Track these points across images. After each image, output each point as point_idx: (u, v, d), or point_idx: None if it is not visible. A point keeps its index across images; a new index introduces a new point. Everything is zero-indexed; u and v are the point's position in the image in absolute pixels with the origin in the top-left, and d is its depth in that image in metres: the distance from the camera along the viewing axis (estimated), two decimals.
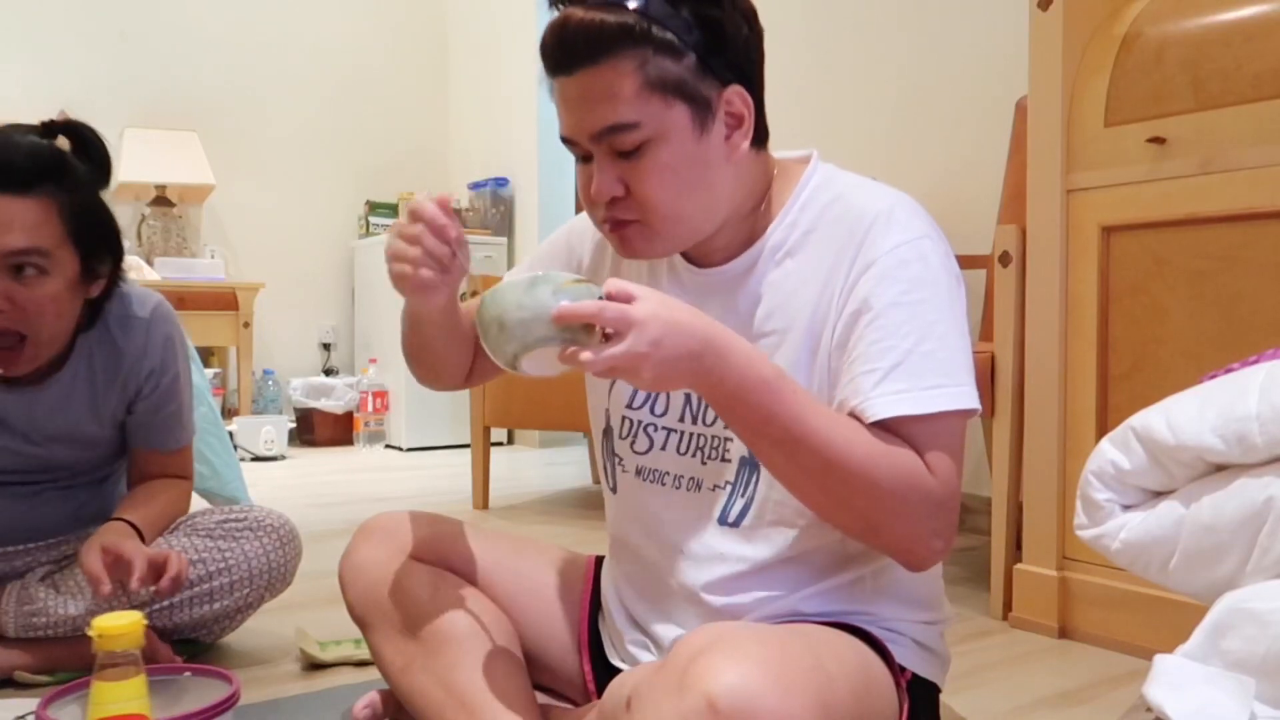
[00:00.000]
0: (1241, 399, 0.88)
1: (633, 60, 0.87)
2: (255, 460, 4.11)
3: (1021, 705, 1.49)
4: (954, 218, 2.75)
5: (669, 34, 0.87)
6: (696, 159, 0.91)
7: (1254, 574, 0.86)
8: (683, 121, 0.89)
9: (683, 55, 0.88)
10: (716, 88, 0.91)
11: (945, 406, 0.86)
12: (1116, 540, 0.98)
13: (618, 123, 0.88)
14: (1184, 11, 1.67)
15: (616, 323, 0.77)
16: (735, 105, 0.92)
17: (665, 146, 0.89)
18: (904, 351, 0.87)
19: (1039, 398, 1.83)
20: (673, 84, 0.88)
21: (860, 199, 0.95)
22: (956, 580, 2.18)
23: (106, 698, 0.83)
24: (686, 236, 0.96)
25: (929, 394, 0.86)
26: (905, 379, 0.86)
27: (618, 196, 0.92)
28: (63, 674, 1.44)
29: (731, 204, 0.96)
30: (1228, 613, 0.79)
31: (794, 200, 0.98)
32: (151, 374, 1.51)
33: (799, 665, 0.75)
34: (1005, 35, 2.57)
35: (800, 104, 3.23)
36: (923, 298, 0.88)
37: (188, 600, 1.52)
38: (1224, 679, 0.76)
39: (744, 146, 0.94)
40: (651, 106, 0.88)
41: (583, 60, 0.88)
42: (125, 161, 4.31)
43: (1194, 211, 1.63)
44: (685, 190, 0.91)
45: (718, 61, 0.90)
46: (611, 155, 0.91)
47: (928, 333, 0.87)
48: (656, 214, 0.92)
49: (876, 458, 0.84)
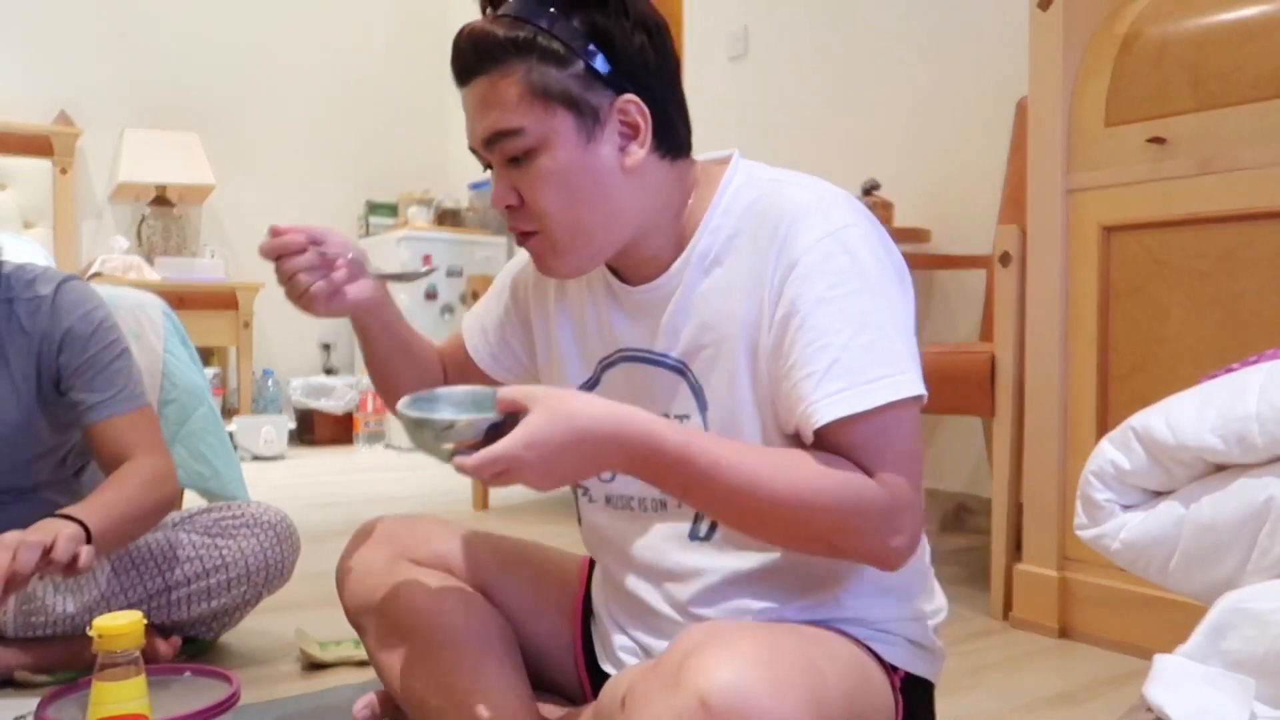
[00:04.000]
0: (1241, 399, 0.88)
1: (518, 69, 0.89)
2: (255, 460, 4.11)
3: (1021, 705, 1.49)
4: (954, 218, 2.76)
5: (556, 43, 0.89)
6: (585, 167, 0.91)
7: (1254, 574, 0.86)
8: (566, 128, 0.90)
9: (569, 64, 0.90)
10: (609, 96, 0.91)
11: (889, 398, 0.84)
12: (1116, 540, 0.98)
13: (502, 129, 0.91)
14: (1184, 11, 1.67)
15: (503, 478, 0.82)
16: (630, 114, 0.92)
17: (550, 154, 0.91)
18: (839, 348, 0.85)
19: (1039, 398, 1.83)
20: (557, 92, 0.89)
21: (780, 196, 0.93)
22: (956, 580, 2.18)
23: (106, 698, 0.83)
24: (592, 250, 0.95)
25: (871, 388, 0.84)
26: (844, 376, 0.84)
27: (513, 205, 0.94)
28: (63, 674, 1.44)
29: (640, 216, 0.95)
30: (1228, 613, 0.79)
31: (715, 205, 0.96)
32: (65, 339, 1.43)
33: (792, 663, 0.75)
34: (1005, 35, 2.57)
35: (800, 104, 3.24)
36: (852, 289, 0.87)
37: (186, 597, 1.52)
38: (1224, 679, 0.76)
39: (640, 155, 0.93)
40: (534, 113, 0.90)
41: (475, 70, 0.91)
42: (125, 161, 4.32)
43: (1194, 211, 1.63)
44: (576, 199, 0.92)
45: (610, 70, 0.91)
46: (504, 163, 0.93)
47: (862, 324, 0.86)
48: (552, 222, 0.93)
49: (810, 487, 0.83)
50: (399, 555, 1.14)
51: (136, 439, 1.44)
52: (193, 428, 2.12)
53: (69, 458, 1.56)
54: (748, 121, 3.42)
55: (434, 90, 5.16)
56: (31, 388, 1.44)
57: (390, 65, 5.05)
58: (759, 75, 3.39)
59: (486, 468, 0.81)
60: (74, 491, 1.56)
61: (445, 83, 2.85)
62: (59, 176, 4.25)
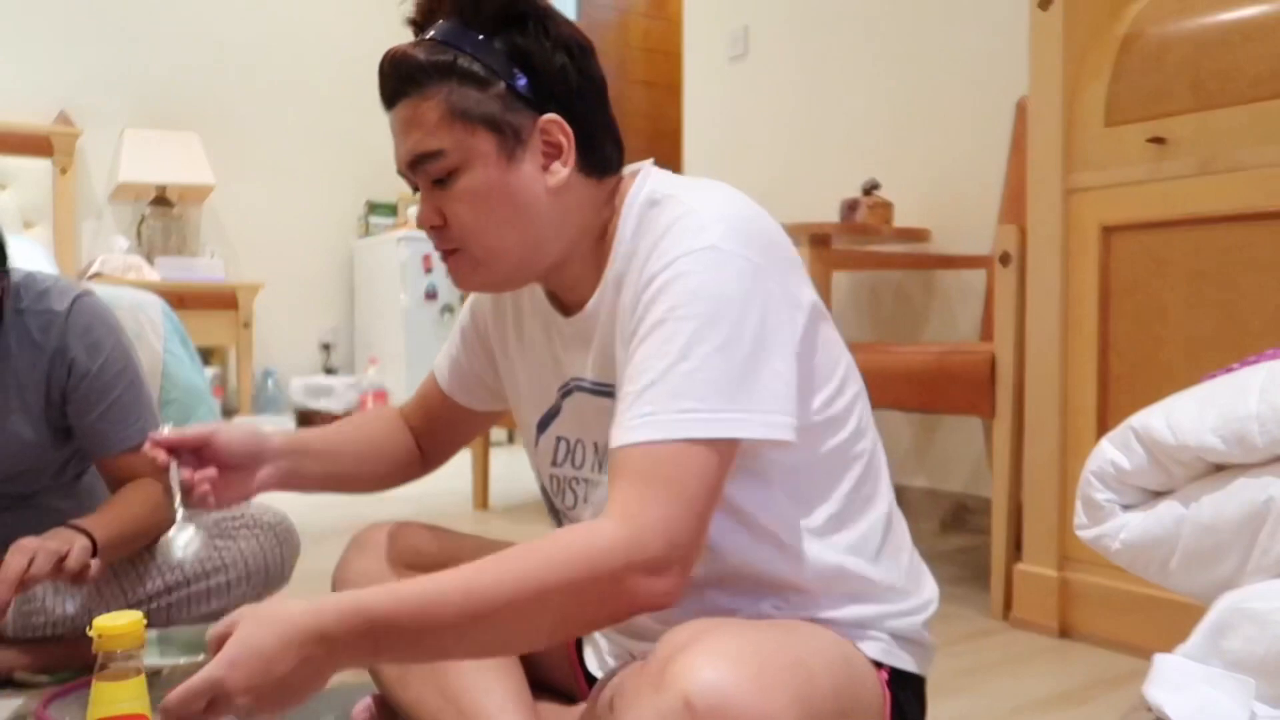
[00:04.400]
0: (1241, 399, 0.88)
1: (439, 91, 0.91)
2: None
3: (1021, 705, 1.49)
4: (954, 218, 2.76)
5: (476, 65, 0.90)
6: (506, 187, 0.92)
7: (1254, 574, 0.86)
8: (488, 149, 0.91)
9: (490, 85, 0.91)
10: (531, 116, 0.92)
11: (688, 434, 0.80)
12: (1116, 540, 0.98)
13: (423, 151, 0.92)
14: (1184, 11, 1.67)
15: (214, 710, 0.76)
16: (552, 134, 0.93)
17: (471, 174, 0.91)
18: (659, 372, 0.82)
19: (1039, 398, 1.83)
20: (477, 113, 0.90)
21: (662, 211, 0.92)
22: (956, 580, 2.18)
23: (106, 698, 0.83)
24: (513, 269, 0.96)
25: (675, 418, 0.80)
26: (654, 401, 0.81)
27: (437, 225, 0.95)
28: (63, 674, 1.44)
29: (565, 235, 0.95)
30: (1228, 613, 0.79)
31: (623, 224, 0.95)
32: (74, 368, 1.43)
33: (778, 662, 0.75)
34: (1005, 35, 2.57)
35: (800, 104, 3.23)
36: (694, 313, 0.82)
37: (186, 598, 1.52)
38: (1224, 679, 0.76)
39: (564, 175, 0.93)
40: (455, 135, 0.91)
41: (398, 93, 0.93)
42: (125, 161, 4.31)
43: (1194, 211, 1.63)
44: (497, 218, 0.92)
45: (531, 91, 0.92)
46: (429, 185, 0.94)
47: (687, 352, 0.81)
48: (474, 241, 0.94)
49: (535, 576, 0.77)
50: (393, 562, 1.14)
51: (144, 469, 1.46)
52: None
53: (70, 464, 1.57)
54: (748, 121, 3.42)
55: None
56: (40, 401, 1.45)
57: None
58: (759, 75, 3.39)
59: (189, 702, 0.74)
60: (74, 496, 1.57)
61: None
62: (59, 176, 4.25)
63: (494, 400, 1.17)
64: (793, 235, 2.79)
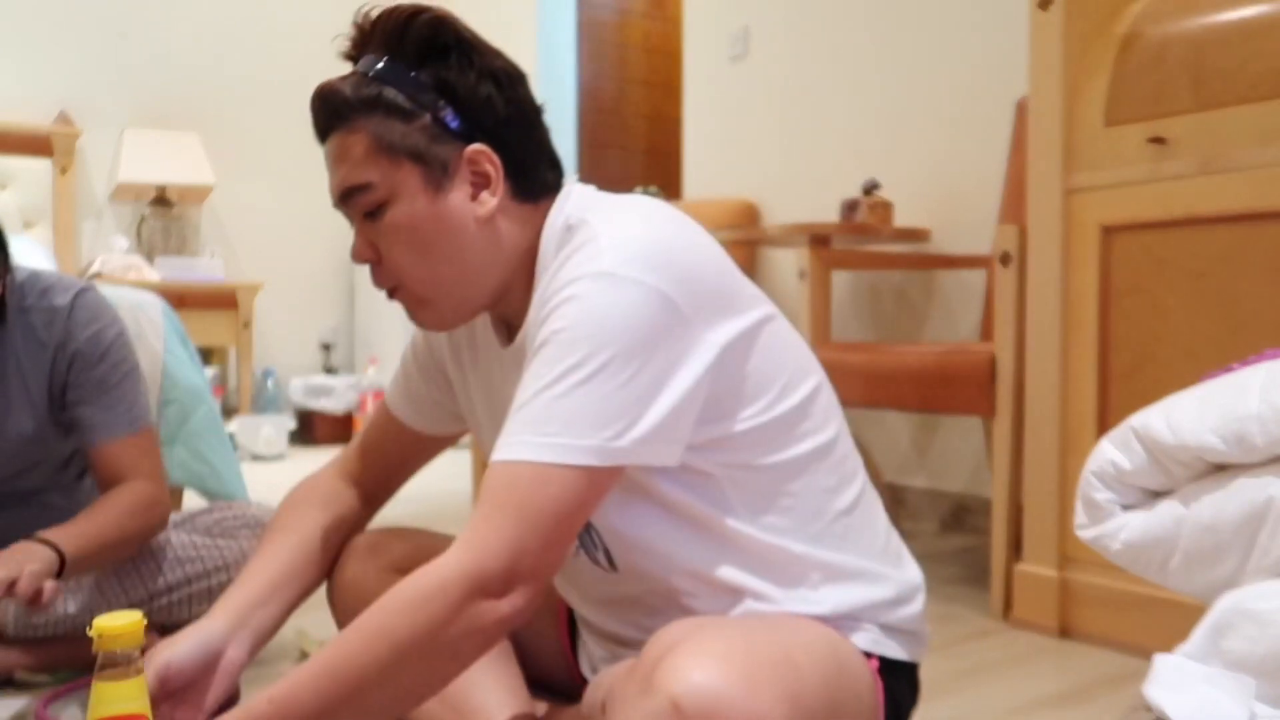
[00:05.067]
0: (1241, 399, 0.88)
1: (365, 125, 0.92)
2: (255, 460, 4.10)
3: (1021, 705, 1.49)
4: (954, 218, 2.76)
5: (401, 98, 0.92)
6: (434, 218, 0.93)
7: (1254, 574, 0.86)
8: (414, 182, 0.92)
9: (414, 118, 0.92)
10: (457, 147, 0.93)
11: (550, 459, 0.80)
12: (1117, 540, 0.98)
13: (352, 184, 0.93)
14: (1184, 11, 1.67)
15: None
16: (479, 164, 0.93)
17: (398, 206, 0.93)
18: (534, 392, 0.83)
19: (1039, 398, 1.83)
20: (402, 146, 0.92)
21: (575, 235, 0.91)
22: (956, 580, 2.18)
23: (106, 698, 0.83)
24: (453, 303, 0.97)
25: (542, 441, 0.81)
26: (524, 423, 0.82)
27: (372, 260, 0.96)
28: (63, 674, 1.44)
29: (501, 262, 0.95)
30: (1228, 613, 0.79)
31: (545, 249, 0.95)
32: (77, 355, 1.43)
33: (766, 660, 0.75)
34: (1005, 35, 2.58)
35: (800, 104, 3.23)
36: (575, 338, 0.82)
37: (186, 598, 1.52)
38: (1224, 679, 0.76)
39: (493, 204, 0.94)
40: (382, 168, 0.92)
41: (327, 128, 0.95)
42: (125, 161, 4.32)
43: (1194, 211, 1.63)
44: (428, 250, 0.93)
45: (457, 122, 0.92)
46: (361, 219, 0.95)
47: (565, 376, 0.81)
48: (408, 276, 0.95)
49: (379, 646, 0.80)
50: (389, 567, 1.14)
51: (133, 463, 1.45)
52: (193, 428, 2.13)
53: (71, 462, 1.57)
54: (748, 121, 3.42)
55: None
56: (44, 397, 1.45)
57: None
58: (759, 75, 3.39)
59: None
60: (74, 495, 1.57)
61: None
62: (59, 176, 4.25)
63: (451, 422, 1.17)
64: (793, 235, 2.77)
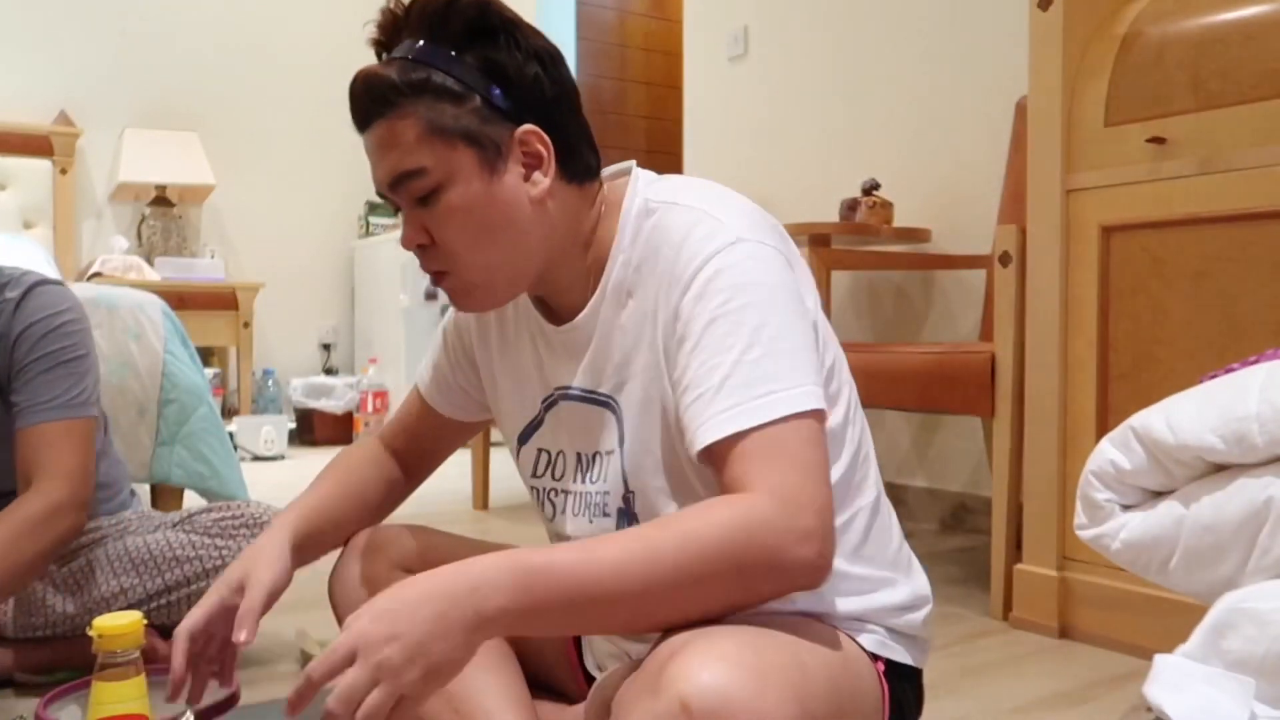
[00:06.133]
0: (1241, 399, 0.88)
1: (415, 110, 0.90)
2: (255, 460, 4.11)
3: (1021, 705, 1.49)
4: (954, 218, 2.76)
5: (450, 80, 0.90)
6: (490, 201, 0.92)
7: (1254, 574, 0.86)
8: (469, 164, 0.91)
9: (465, 100, 0.90)
10: (508, 129, 0.92)
11: (779, 413, 0.82)
12: (1116, 540, 0.98)
13: (405, 170, 0.91)
14: (1184, 11, 1.67)
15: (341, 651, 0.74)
16: (531, 144, 0.93)
17: (455, 190, 0.91)
18: (731, 364, 0.83)
19: (1039, 398, 1.83)
20: (455, 129, 0.90)
21: (672, 218, 0.93)
22: (956, 580, 2.18)
23: (106, 698, 0.83)
24: (504, 284, 0.96)
25: (758, 403, 0.82)
26: (734, 393, 0.82)
27: (424, 245, 0.94)
28: (63, 674, 1.44)
29: (550, 244, 0.95)
30: (1228, 613, 0.79)
31: (621, 235, 0.96)
32: (20, 339, 1.39)
33: (774, 662, 0.74)
34: (1005, 35, 2.58)
35: (800, 104, 3.23)
36: (743, 303, 0.85)
37: (186, 598, 1.52)
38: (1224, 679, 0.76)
39: (546, 184, 0.93)
40: (436, 152, 0.90)
41: (372, 115, 0.92)
42: (125, 161, 4.32)
43: (1194, 211, 1.63)
44: (484, 233, 0.92)
45: (507, 103, 0.92)
46: (412, 204, 0.93)
47: (754, 339, 0.84)
48: (462, 260, 0.93)
49: (690, 548, 0.76)
50: (390, 565, 1.14)
51: (47, 456, 1.36)
52: (193, 428, 2.13)
53: None
54: (748, 121, 3.42)
55: None
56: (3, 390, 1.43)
57: None
58: (759, 75, 3.39)
59: (330, 662, 0.74)
60: None
61: None
62: (59, 176, 4.25)
63: (479, 410, 1.17)
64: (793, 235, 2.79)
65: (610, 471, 0.97)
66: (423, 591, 0.75)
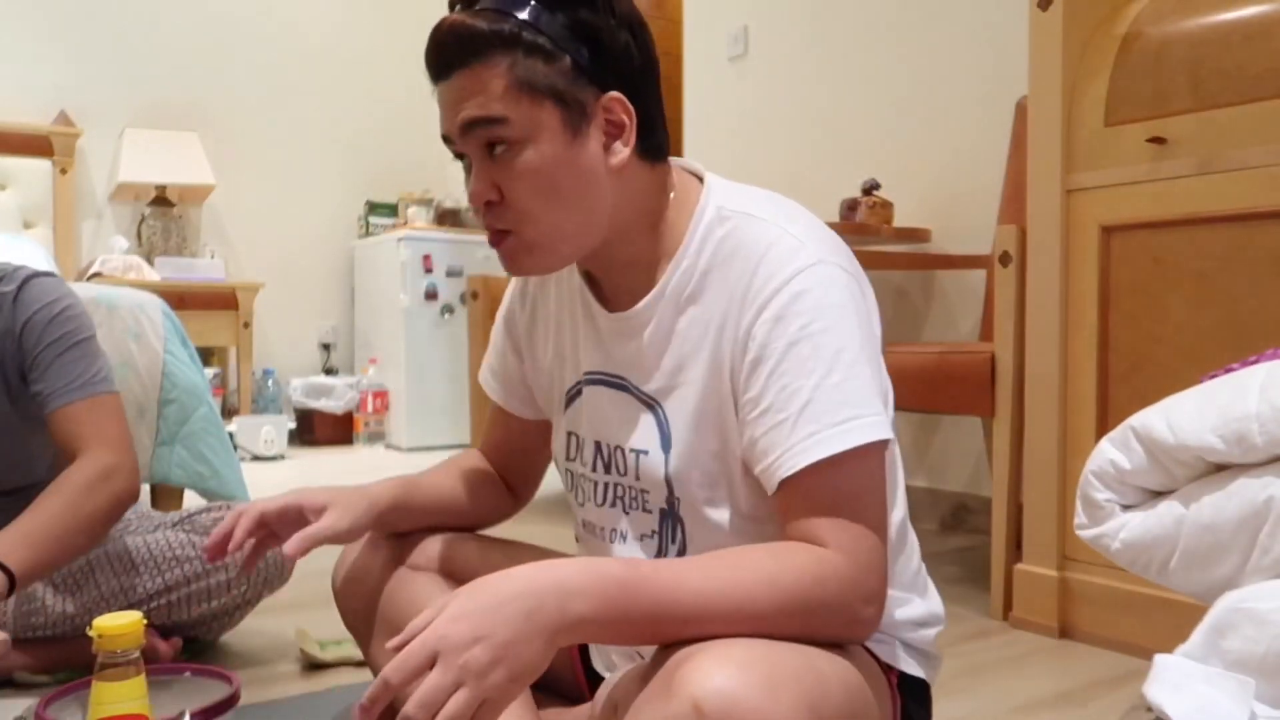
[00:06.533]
0: (1241, 399, 0.88)
1: (503, 61, 0.87)
2: (255, 460, 4.11)
3: (1021, 705, 1.49)
4: (954, 218, 2.76)
5: (542, 38, 0.87)
6: (569, 163, 0.89)
7: (1254, 574, 0.86)
8: (553, 123, 0.88)
9: (556, 59, 0.88)
10: (594, 93, 0.89)
11: (859, 441, 0.82)
12: (1116, 540, 0.98)
13: (485, 115, 0.88)
14: (1184, 11, 1.67)
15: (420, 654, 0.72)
16: (615, 112, 0.90)
17: (535, 147, 0.88)
18: (811, 388, 0.83)
19: (1039, 398, 1.83)
20: (543, 86, 0.87)
21: (751, 231, 0.91)
22: (956, 580, 2.18)
23: (106, 698, 0.83)
24: (567, 250, 0.93)
25: (839, 430, 0.82)
26: (815, 419, 0.82)
27: (492, 201, 0.91)
28: (63, 674, 1.44)
29: (618, 218, 0.93)
30: (1228, 613, 0.79)
31: (690, 238, 0.93)
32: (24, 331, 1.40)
33: (787, 666, 0.74)
34: (1005, 35, 2.58)
35: (800, 104, 3.23)
36: (824, 327, 0.85)
37: (186, 598, 1.52)
38: (1224, 679, 0.76)
39: (625, 155, 0.91)
40: (520, 105, 0.87)
41: (456, 63, 0.89)
42: (125, 161, 4.32)
43: (1194, 211, 1.63)
44: (558, 196, 0.89)
45: (595, 67, 0.89)
46: (484, 156, 0.90)
47: (834, 363, 0.84)
48: (531, 221, 0.90)
49: (769, 592, 0.78)
50: (393, 561, 1.14)
51: (87, 430, 1.37)
52: (193, 428, 2.13)
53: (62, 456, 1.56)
54: (748, 121, 3.42)
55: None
56: (1, 386, 1.43)
57: (391, 65, 5.05)
58: (759, 75, 3.39)
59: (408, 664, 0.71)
60: None
61: None
62: (59, 176, 4.25)
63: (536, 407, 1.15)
64: None
65: (647, 471, 0.95)
66: (506, 592, 0.73)
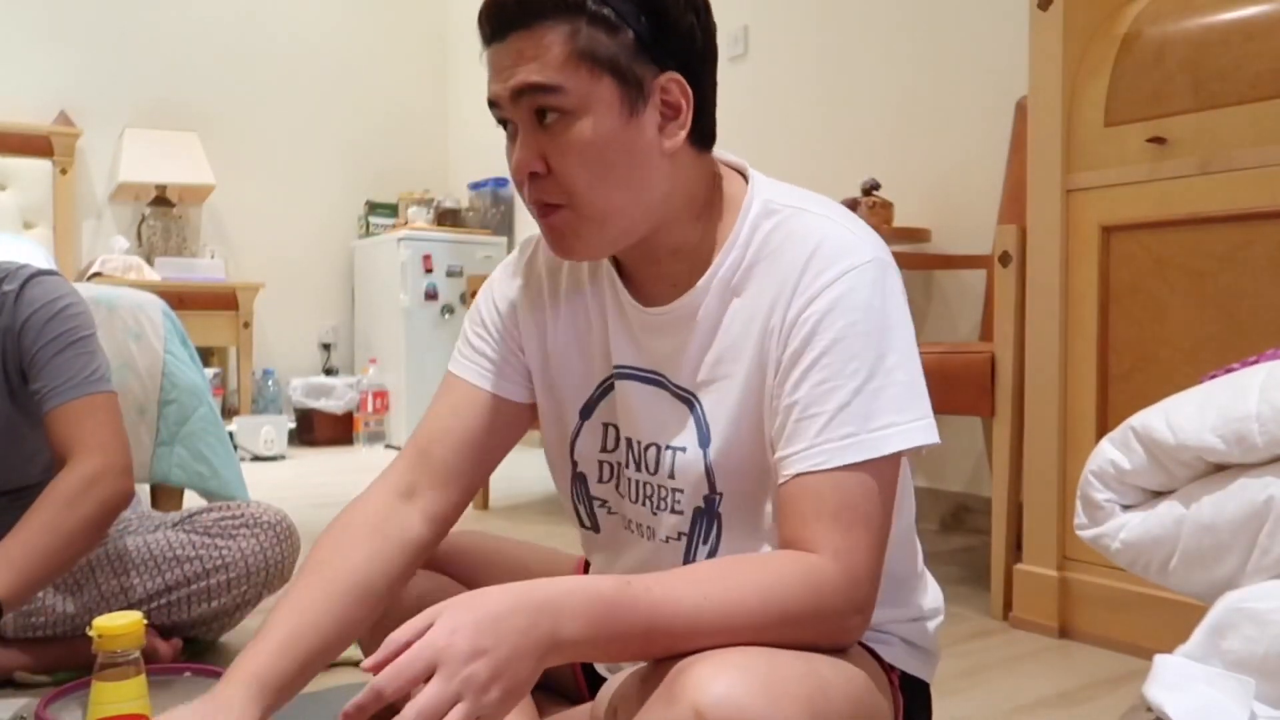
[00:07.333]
0: (1241, 399, 0.88)
1: (564, 28, 0.83)
2: (255, 460, 4.11)
3: (1021, 705, 1.49)
4: (954, 218, 2.76)
5: (608, 9, 0.84)
6: (622, 141, 0.85)
7: (1254, 574, 0.86)
8: (610, 97, 0.84)
9: (619, 32, 0.84)
10: (653, 72, 0.86)
11: (897, 447, 0.81)
12: (1116, 540, 0.98)
13: (539, 82, 0.83)
14: (1184, 11, 1.67)
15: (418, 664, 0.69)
16: (672, 93, 0.87)
17: (589, 120, 0.84)
18: (852, 391, 0.82)
19: (1039, 398, 1.83)
20: (604, 58, 0.84)
21: (799, 226, 0.89)
22: (956, 580, 2.18)
23: (106, 698, 0.83)
24: (615, 234, 0.89)
25: (877, 436, 0.81)
26: (851, 422, 0.81)
27: (538, 173, 0.86)
28: (63, 674, 1.44)
29: (668, 205, 0.90)
30: (1228, 613, 0.79)
31: (737, 232, 0.91)
32: (24, 329, 1.40)
33: (789, 672, 0.74)
34: (1005, 35, 2.58)
35: (800, 104, 3.23)
36: (869, 329, 0.83)
37: (186, 598, 1.52)
38: (1224, 679, 0.76)
39: (680, 138, 0.87)
40: (578, 76, 0.83)
41: (514, 25, 0.84)
42: (125, 161, 4.32)
43: (1194, 211, 1.63)
44: (609, 174, 0.85)
45: (658, 45, 0.86)
46: (533, 125, 0.86)
47: (877, 367, 0.82)
48: (580, 198, 0.86)
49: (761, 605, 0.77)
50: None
51: (77, 433, 1.36)
52: (193, 428, 2.13)
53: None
54: (748, 121, 3.42)
55: (434, 90, 5.15)
56: (3, 384, 1.43)
57: (390, 65, 5.05)
58: (759, 75, 3.39)
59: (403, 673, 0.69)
60: None
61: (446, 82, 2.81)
62: (59, 177, 4.25)
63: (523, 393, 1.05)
64: None
65: (684, 469, 0.92)
66: (505, 608, 0.72)
